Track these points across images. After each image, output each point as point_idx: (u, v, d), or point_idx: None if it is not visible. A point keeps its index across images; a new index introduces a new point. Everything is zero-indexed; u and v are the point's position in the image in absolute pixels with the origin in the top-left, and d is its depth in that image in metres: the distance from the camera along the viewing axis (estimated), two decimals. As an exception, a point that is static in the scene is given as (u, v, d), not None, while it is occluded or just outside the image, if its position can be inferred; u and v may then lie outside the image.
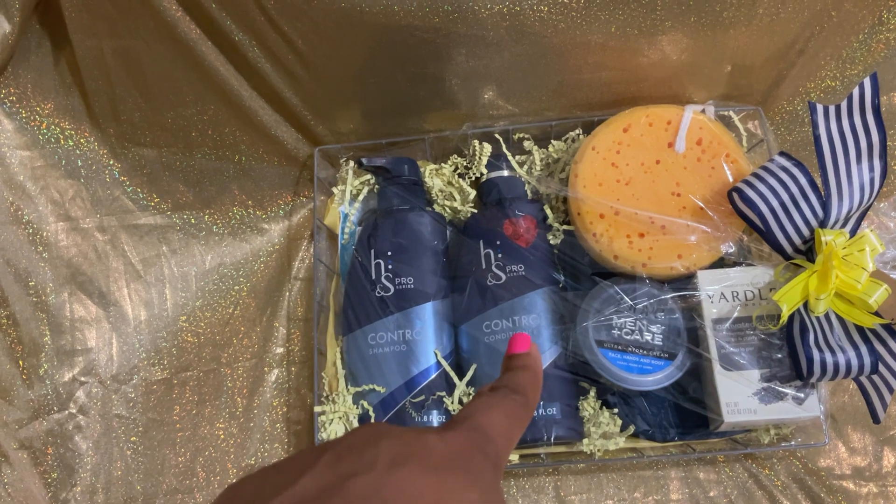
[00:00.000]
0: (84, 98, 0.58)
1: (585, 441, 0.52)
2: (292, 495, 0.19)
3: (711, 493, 0.55)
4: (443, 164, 0.62)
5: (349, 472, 0.19)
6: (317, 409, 0.54)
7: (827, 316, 0.49)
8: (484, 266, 0.56)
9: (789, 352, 0.49)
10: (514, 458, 0.53)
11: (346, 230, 0.61)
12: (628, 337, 0.51)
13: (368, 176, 0.62)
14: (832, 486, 0.55)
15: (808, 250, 0.49)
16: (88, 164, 0.60)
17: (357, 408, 0.54)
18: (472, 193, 0.60)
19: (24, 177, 0.57)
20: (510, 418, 0.26)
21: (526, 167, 0.61)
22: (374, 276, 0.56)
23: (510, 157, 0.60)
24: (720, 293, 0.51)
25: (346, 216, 0.61)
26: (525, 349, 0.30)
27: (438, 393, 0.53)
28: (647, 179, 0.53)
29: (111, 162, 0.61)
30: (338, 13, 0.50)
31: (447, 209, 0.61)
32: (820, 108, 0.49)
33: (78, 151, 0.60)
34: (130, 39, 0.54)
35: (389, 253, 0.56)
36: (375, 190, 0.61)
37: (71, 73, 0.57)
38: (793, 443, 0.53)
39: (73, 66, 0.56)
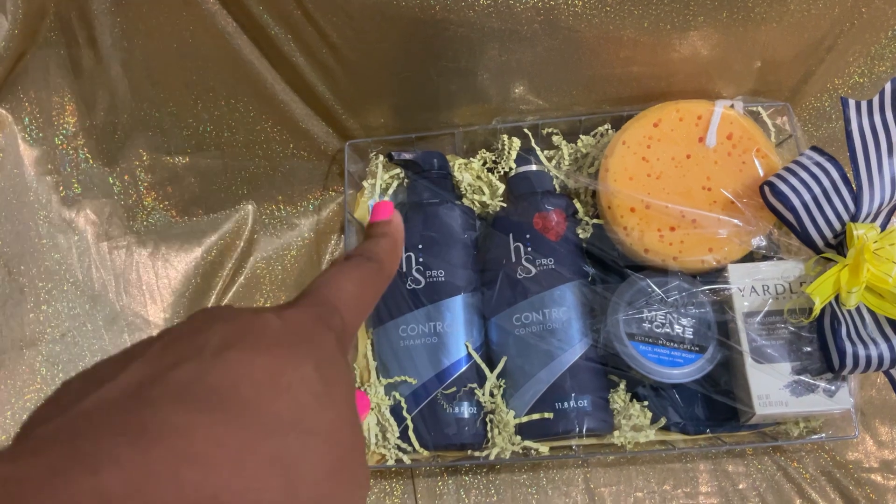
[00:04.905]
0: (111, 111, 0.57)
1: (616, 433, 0.52)
2: (108, 390, 0.17)
3: (740, 486, 0.55)
4: (472, 159, 0.62)
5: (175, 360, 0.18)
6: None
7: (858, 309, 0.49)
8: (514, 259, 0.56)
9: (820, 344, 0.49)
10: (544, 449, 0.53)
11: (376, 224, 0.61)
12: (659, 330, 0.52)
13: (398, 170, 0.62)
14: (860, 479, 0.55)
15: (839, 244, 0.50)
16: (122, 177, 0.60)
17: (389, 398, 0.54)
18: (502, 188, 0.61)
19: (57, 202, 0.56)
20: (361, 285, 0.24)
21: (554, 162, 0.61)
22: (404, 269, 0.56)
23: (539, 152, 0.60)
24: (751, 287, 0.51)
25: (375, 210, 0.62)
26: (387, 217, 0.28)
27: (470, 384, 0.54)
28: (678, 174, 0.54)
29: (141, 174, 0.60)
30: (374, 7, 0.51)
31: (476, 203, 0.61)
32: (852, 102, 0.49)
33: (107, 169, 0.59)
34: (164, 41, 0.54)
35: (420, 246, 0.57)
36: (405, 184, 0.62)
37: (99, 86, 0.56)
38: (823, 435, 0.53)
39: (101, 78, 0.55)
